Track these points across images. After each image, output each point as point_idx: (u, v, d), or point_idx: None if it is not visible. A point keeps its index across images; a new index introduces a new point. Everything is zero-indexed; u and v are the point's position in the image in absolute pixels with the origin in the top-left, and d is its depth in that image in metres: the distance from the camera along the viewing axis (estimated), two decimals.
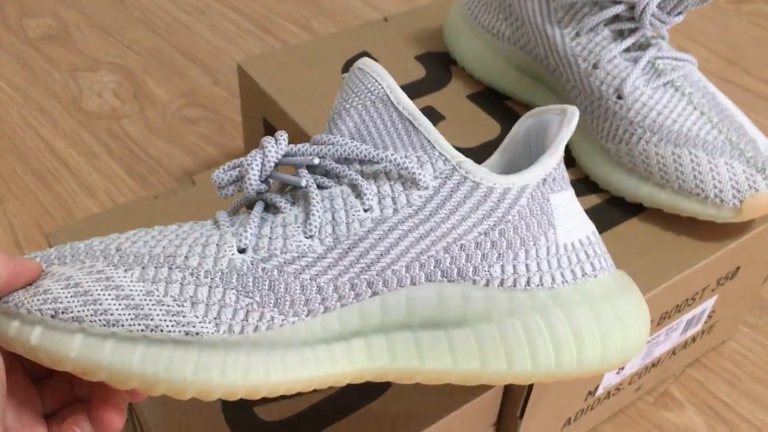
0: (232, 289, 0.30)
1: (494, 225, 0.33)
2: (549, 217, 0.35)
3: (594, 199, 0.49)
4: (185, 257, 0.30)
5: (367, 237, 0.32)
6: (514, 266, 0.34)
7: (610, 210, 0.48)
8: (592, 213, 0.48)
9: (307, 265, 0.31)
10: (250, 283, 0.30)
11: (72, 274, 0.29)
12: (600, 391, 0.49)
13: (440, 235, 0.33)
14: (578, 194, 0.49)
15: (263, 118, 0.59)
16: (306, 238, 0.32)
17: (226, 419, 0.39)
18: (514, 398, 0.44)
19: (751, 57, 0.90)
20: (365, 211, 0.32)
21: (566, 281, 0.34)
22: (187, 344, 0.29)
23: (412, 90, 0.57)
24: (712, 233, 0.47)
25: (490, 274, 0.33)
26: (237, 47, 0.88)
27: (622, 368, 0.49)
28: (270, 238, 0.32)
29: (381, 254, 0.32)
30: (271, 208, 0.33)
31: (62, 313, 0.28)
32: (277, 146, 0.33)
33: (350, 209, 0.32)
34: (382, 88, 0.34)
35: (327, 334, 0.32)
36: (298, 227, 0.32)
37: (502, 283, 0.33)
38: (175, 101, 0.80)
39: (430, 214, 0.33)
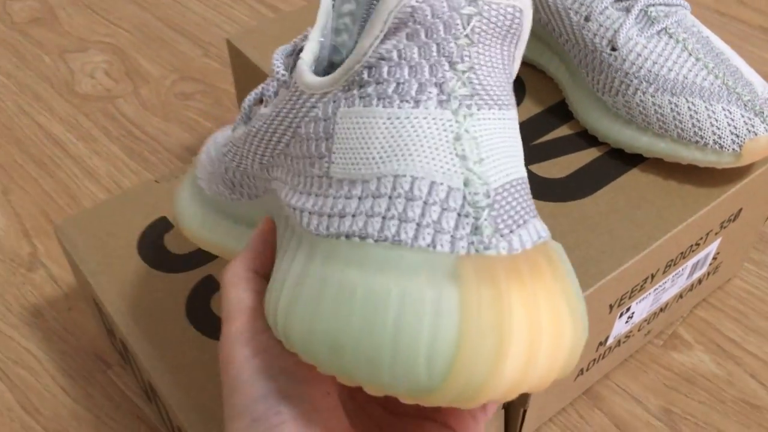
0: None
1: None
2: None
3: (594, 152, 0.49)
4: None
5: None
6: None
7: (611, 162, 0.49)
8: (592, 166, 0.48)
9: (227, 152, 0.36)
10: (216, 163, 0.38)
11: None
12: (610, 340, 0.50)
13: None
14: (577, 148, 0.49)
15: None
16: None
17: None
18: None
19: None
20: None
21: None
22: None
23: None
24: (713, 179, 0.47)
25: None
26: (226, 17, 0.87)
27: (631, 317, 0.50)
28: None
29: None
30: None
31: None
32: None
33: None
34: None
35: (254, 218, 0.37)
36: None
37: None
38: (168, 77, 0.80)
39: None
